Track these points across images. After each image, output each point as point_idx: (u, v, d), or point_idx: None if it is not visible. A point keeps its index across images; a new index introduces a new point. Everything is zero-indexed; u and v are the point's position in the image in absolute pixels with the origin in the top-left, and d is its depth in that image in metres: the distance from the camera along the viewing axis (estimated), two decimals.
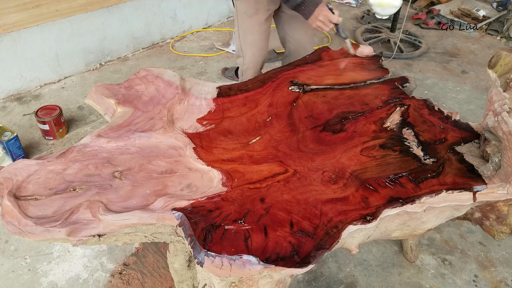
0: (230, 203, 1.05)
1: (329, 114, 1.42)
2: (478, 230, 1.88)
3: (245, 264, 0.89)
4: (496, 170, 1.15)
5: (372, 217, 1.04)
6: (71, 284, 1.63)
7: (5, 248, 1.75)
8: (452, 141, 1.31)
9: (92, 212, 0.99)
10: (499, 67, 1.22)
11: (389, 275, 1.69)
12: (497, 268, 1.73)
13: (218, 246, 0.93)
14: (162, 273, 1.65)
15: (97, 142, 1.20)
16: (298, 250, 0.95)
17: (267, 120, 1.39)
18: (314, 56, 1.75)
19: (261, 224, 1.00)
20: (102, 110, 1.37)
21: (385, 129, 1.35)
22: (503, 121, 1.09)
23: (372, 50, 1.78)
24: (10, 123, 2.46)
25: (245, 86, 1.54)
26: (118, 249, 1.75)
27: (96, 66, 3.01)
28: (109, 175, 1.11)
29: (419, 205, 1.09)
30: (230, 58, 3.17)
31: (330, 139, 1.31)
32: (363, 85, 1.56)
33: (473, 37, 3.63)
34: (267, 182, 1.13)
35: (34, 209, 0.99)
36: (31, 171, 1.08)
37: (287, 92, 1.50)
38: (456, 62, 3.26)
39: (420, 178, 1.17)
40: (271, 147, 1.28)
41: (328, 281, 1.66)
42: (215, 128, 1.35)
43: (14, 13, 2.45)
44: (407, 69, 3.15)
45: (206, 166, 1.18)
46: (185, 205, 1.02)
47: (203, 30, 3.59)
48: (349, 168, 1.20)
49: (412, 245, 1.70)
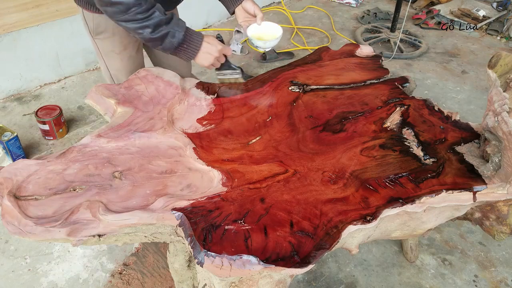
0: (230, 203, 1.05)
1: (329, 114, 1.42)
2: (478, 230, 1.88)
3: (245, 264, 0.89)
4: (496, 170, 1.15)
5: (372, 217, 1.04)
6: (71, 284, 1.63)
7: (5, 248, 1.75)
8: (452, 141, 1.31)
9: (92, 212, 0.99)
10: (499, 67, 1.22)
11: (389, 275, 1.69)
12: (497, 268, 1.73)
13: (218, 246, 0.93)
14: (162, 273, 1.65)
15: (97, 142, 1.20)
16: (298, 250, 0.95)
17: (267, 120, 1.39)
18: (314, 56, 1.75)
19: (261, 224, 1.00)
20: (102, 110, 1.37)
21: (385, 129, 1.35)
22: (503, 121, 1.09)
23: (372, 50, 1.78)
24: (10, 123, 2.46)
25: (245, 86, 1.54)
26: (118, 249, 1.75)
27: (96, 66, 3.01)
28: (109, 175, 1.11)
29: (419, 205, 1.09)
30: (230, 58, 3.17)
31: (330, 139, 1.31)
32: (363, 85, 1.56)
33: (473, 37, 3.63)
34: (267, 182, 1.13)
35: (34, 209, 0.99)
36: (31, 171, 1.08)
37: (287, 92, 1.50)
38: (456, 62, 3.26)
39: (420, 178, 1.17)
40: (271, 147, 1.28)
41: (328, 281, 1.66)
42: (215, 128, 1.35)
43: (14, 13, 2.45)
44: (407, 69, 3.15)
45: (206, 166, 1.18)
46: (185, 205, 1.02)
47: (203, 30, 3.58)
48: (349, 168, 1.20)
49: (412, 245, 1.70)
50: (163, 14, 1.24)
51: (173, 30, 1.26)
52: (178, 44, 1.29)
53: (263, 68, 3.08)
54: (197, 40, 1.32)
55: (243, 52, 3.23)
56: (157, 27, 1.24)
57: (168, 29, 1.25)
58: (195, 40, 1.32)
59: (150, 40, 1.26)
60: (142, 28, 1.23)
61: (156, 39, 1.26)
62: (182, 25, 1.29)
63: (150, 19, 1.22)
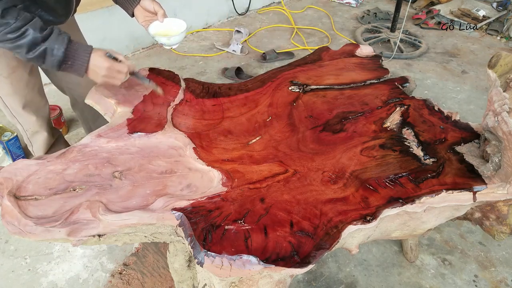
0: (230, 203, 1.05)
1: (329, 114, 1.42)
2: (478, 230, 1.88)
3: (245, 264, 0.89)
4: (496, 170, 1.15)
5: (372, 217, 1.04)
6: (71, 284, 1.63)
7: (5, 248, 1.75)
8: (452, 141, 1.31)
9: (92, 212, 0.99)
10: (499, 67, 1.22)
11: (389, 275, 1.69)
12: (497, 268, 1.73)
13: (218, 246, 0.93)
14: (162, 273, 1.65)
15: (97, 142, 1.20)
16: (298, 250, 0.95)
17: (267, 120, 1.39)
18: (314, 56, 1.75)
19: (261, 224, 1.00)
20: (102, 110, 1.37)
21: (385, 129, 1.35)
22: (503, 121, 1.09)
23: (372, 50, 1.78)
24: (10, 123, 2.46)
25: (245, 86, 1.54)
26: (118, 249, 1.75)
27: None
28: (109, 175, 1.11)
29: (419, 205, 1.09)
30: (230, 58, 3.17)
31: (330, 139, 1.31)
32: (363, 85, 1.56)
33: (473, 37, 3.63)
34: (267, 182, 1.13)
35: (34, 209, 0.99)
36: (31, 171, 1.08)
37: (287, 92, 1.50)
38: (456, 62, 3.26)
39: (420, 178, 1.17)
40: (271, 147, 1.28)
41: (328, 281, 1.66)
42: (215, 128, 1.35)
43: None
44: (407, 69, 3.15)
45: (206, 166, 1.18)
46: (185, 205, 1.02)
47: (203, 30, 3.59)
48: (349, 168, 1.20)
49: (412, 245, 1.70)
50: (38, 31, 1.11)
51: (51, 47, 1.13)
52: (60, 61, 1.16)
53: (263, 68, 3.08)
54: (83, 55, 1.18)
55: (243, 52, 3.23)
56: (32, 46, 1.12)
57: (45, 46, 1.13)
58: (80, 55, 1.18)
59: (28, 60, 1.15)
60: (16, 48, 1.12)
61: (35, 59, 1.14)
62: (62, 40, 1.15)
63: (22, 38, 1.10)
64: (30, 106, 1.54)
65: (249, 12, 3.93)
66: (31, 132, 1.64)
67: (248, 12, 3.92)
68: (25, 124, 1.60)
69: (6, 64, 1.39)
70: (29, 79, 1.48)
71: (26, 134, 1.65)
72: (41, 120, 1.62)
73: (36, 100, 1.56)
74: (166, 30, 1.39)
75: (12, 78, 1.43)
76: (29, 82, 1.49)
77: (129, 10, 1.41)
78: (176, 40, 1.36)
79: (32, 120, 1.58)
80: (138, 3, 1.38)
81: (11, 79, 1.43)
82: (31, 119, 1.58)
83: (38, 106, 1.58)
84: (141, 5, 1.39)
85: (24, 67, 1.44)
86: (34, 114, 1.57)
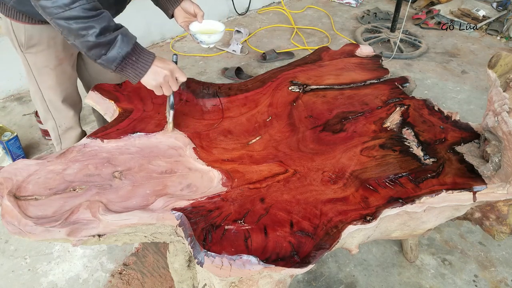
0: (230, 203, 1.05)
1: (329, 114, 1.42)
2: (478, 230, 1.88)
3: (245, 264, 0.89)
4: (496, 170, 1.15)
5: (372, 217, 1.04)
6: (71, 284, 1.63)
7: (5, 248, 1.75)
8: (452, 141, 1.31)
9: (92, 212, 0.99)
10: (499, 67, 1.22)
11: (389, 275, 1.69)
12: (497, 268, 1.73)
13: (218, 246, 0.93)
14: (162, 273, 1.65)
15: (97, 142, 1.20)
16: (298, 250, 0.95)
17: (267, 120, 1.39)
18: (314, 56, 1.75)
19: (261, 224, 1.00)
20: (102, 110, 1.37)
21: (385, 129, 1.35)
22: (503, 121, 1.09)
23: (372, 50, 1.78)
24: (10, 123, 2.46)
25: (245, 86, 1.54)
26: (118, 249, 1.75)
27: None
28: (109, 175, 1.11)
29: (419, 205, 1.09)
30: (230, 58, 3.17)
31: (330, 139, 1.31)
32: (363, 85, 1.56)
33: (473, 37, 3.63)
34: (267, 182, 1.13)
35: (34, 209, 0.99)
36: (31, 171, 1.08)
37: (287, 92, 1.50)
38: (456, 62, 3.26)
39: (420, 178, 1.17)
40: (271, 147, 1.28)
41: (328, 281, 1.66)
42: (215, 128, 1.35)
43: None
44: (407, 69, 3.15)
45: (206, 166, 1.18)
46: (185, 205, 1.02)
47: None
48: (349, 168, 1.20)
49: (412, 245, 1.70)
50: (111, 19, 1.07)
51: (122, 37, 1.06)
52: (124, 55, 1.07)
53: (263, 68, 3.09)
54: (148, 55, 1.12)
55: (243, 52, 3.23)
56: (104, 30, 1.04)
57: (117, 34, 1.06)
58: (146, 54, 1.12)
59: (94, 45, 1.04)
60: (87, 29, 1.02)
61: (102, 45, 1.04)
62: (131, 36, 1.10)
63: (98, 19, 1.03)
64: (69, 101, 1.56)
65: (249, 12, 3.94)
66: (64, 128, 1.62)
67: (248, 12, 3.92)
68: (60, 119, 1.59)
69: (55, 56, 1.40)
70: (71, 73, 1.50)
71: (58, 130, 1.63)
72: (77, 116, 1.63)
73: (74, 95, 1.59)
74: (204, 30, 1.44)
75: (58, 70, 1.44)
76: (71, 76, 1.52)
77: (170, 11, 1.43)
78: (216, 39, 1.41)
79: (69, 115, 1.59)
80: (179, 4, 1.42)
81: (57, 71, 1.44)
82: (69, 114, 1.59)
83: (75, 101, 1.60)
84: (182, 6, 1.43)
85: (68, 60, 1.46)
86: (72, 108, 1.59)
